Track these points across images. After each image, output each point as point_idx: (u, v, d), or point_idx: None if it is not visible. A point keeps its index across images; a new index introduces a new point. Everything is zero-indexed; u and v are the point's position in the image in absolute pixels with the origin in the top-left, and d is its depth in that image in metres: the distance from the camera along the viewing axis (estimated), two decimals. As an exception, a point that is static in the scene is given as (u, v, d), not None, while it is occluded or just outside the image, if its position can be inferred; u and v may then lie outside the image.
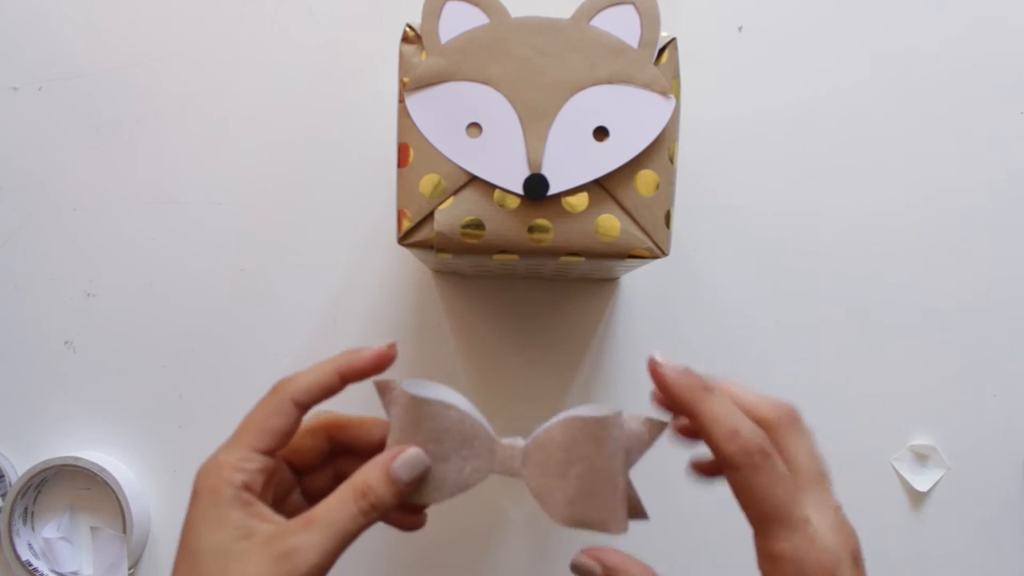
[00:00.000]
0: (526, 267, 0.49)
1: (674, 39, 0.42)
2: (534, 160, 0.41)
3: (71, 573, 0.57)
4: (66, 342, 0.59)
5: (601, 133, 0.41)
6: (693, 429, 0.32)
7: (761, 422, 0.31)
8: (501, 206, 0.42)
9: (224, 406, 0.53)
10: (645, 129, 0.41)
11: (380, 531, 0.59)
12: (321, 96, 0.59)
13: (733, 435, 0.30)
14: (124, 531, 0.55)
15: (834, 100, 0.59)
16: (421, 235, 0.43)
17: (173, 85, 0.59)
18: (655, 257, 0.42)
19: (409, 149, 0.43)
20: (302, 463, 0.37)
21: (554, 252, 0.42)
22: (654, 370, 0.32)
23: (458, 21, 0.41)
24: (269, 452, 0.32)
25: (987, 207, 0.59)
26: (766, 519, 0.29)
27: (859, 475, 0.58)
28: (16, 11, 0.59)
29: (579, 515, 0.32)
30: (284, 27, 0.59)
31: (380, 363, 0.33)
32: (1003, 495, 0.58)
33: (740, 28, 0.59)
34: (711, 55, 0.59)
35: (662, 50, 0.42)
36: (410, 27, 0.42)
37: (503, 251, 0.43)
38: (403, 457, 0.32)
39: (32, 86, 0.59)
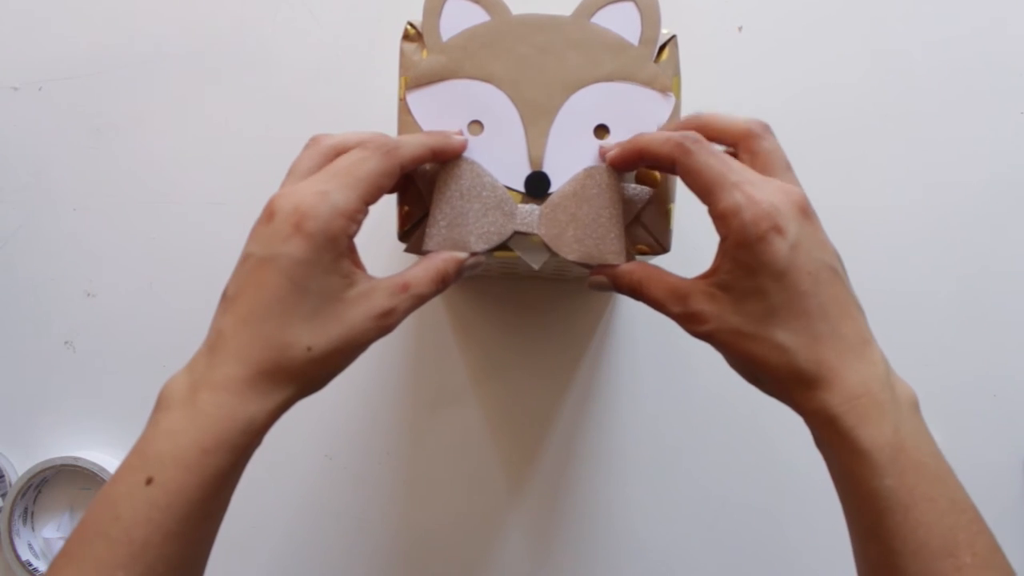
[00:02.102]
0: (527, 266, 0.49)
1: (674, 36, 0.42)
2: (535, 157, 0.41)
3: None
4: (66, 342, 0.59)
5: (602, 131, 0.41)
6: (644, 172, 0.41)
7: (736, 134, 0.37)
8: (502, 203, 0.42)
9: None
10: (645, 127, 0.41)
11: (380, 531, 0.59)
12: (321, 95, 0.59)
13: (666, 140, 0.36)
14: (124, 531, 0.55)
15: (834, 99, 0.59)
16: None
17: (173, 85, 0.59)
18: (656, 254, 0.42)
19: (410, 147, 0.43)
20: None
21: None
22: (605, 154, 0.40)
23: (459, 19, 0.41)
24: (369, 205, 0.35)
25: (987, 206, 0.59)
26: (709, 187, 0.34)
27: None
28: (16, 11, 0.59)
29: (586, 251, 0.39)
30: (284, 27, 0.59)
31: (461, 151, 0.40)
32: (1003, 495, 0.58)
33: (740, 27, 0.59)
34: (711, 54, 0.59)
35: (662, 47, 0.42)
36: (411, 25, 0.42)
37: (503, 248, 0.42)
38: (471, 260, 0.39)
39: (32, 86, 0.59)
